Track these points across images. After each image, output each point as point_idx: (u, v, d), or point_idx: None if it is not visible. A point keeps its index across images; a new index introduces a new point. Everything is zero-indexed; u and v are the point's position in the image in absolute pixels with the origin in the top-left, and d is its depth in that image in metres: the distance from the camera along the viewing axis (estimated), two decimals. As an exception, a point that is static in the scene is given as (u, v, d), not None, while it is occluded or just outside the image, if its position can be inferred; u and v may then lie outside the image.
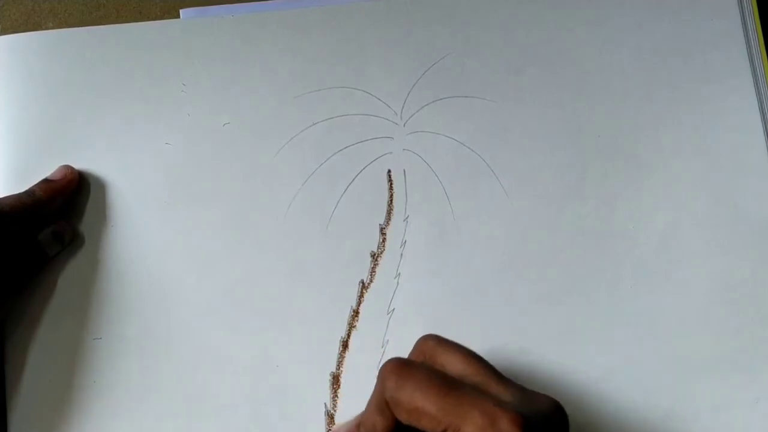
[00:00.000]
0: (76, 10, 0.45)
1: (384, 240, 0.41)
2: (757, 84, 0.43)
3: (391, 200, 0.42)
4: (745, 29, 0.43)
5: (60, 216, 0.41)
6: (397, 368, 0.33)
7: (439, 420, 0.31)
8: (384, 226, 0.42)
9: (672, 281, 0.41)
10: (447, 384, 0.32)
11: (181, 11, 0.45)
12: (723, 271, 0.41)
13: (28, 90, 0.43)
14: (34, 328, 0.40)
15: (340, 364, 0.40)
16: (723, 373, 0.40)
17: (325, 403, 0.40)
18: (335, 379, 0.40)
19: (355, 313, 0.41)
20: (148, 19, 0.45)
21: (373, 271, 0.41)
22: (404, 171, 0.42)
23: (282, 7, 0.44)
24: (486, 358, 0.33)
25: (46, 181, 0.41)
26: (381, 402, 0.33)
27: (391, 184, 0.42)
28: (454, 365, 0.34)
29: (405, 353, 0.40)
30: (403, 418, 0.32)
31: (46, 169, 0.41)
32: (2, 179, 0.42)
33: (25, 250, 0.40)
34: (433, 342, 0.35)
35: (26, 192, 0.40)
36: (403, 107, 0.43)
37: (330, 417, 0.40)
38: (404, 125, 0.43)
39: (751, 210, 0.41)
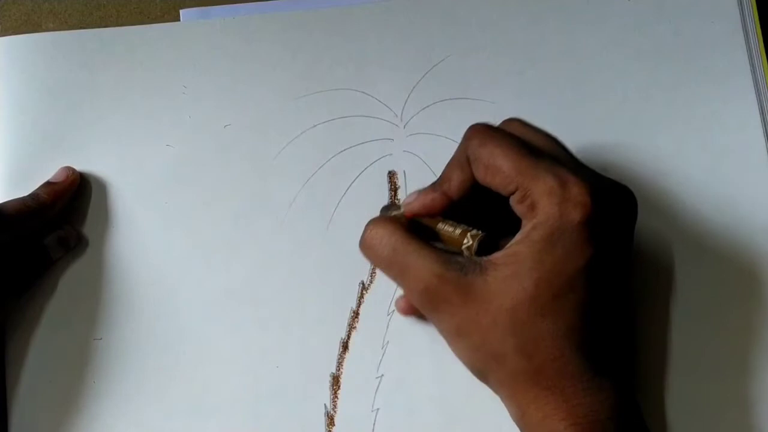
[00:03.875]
0: (76, 10, 0.45)
1: (384, 241, 0.41)
2: (756, 85, 0.43)
3: (392, 201, 0.42)
4: (745, 30, 0.43)
5: (62, 218, 0.41)
6: (483, 129, 0.35)
7: (512, 179, 0.33)
8: (384, 227, 0.42)
9: (672, 281, 0.41)
10: (526, 149, 0.34)
11: (181, 12, 0.45)
12: (723, 270, 0.41)
13: (29, 92, 0.43)
14: (35, 329, 0.40)
15: (340, 365, 0.40)
16: (722, 373, 0.40)
17: (325, 404, 0.40)
18: (335, 380, 0.40)
19: (355, 314, 0.41)
20: (149, 19, 0.45)
21: (373, 272, 0.41)
22: (404, 172, 0.42)
23: (282, 8, 0.44)
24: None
25: (48, 183, 0.41)
26: (462, 158, 0.35)
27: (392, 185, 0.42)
28: (536, 141, 0.35)
29: (405, 354, 0.40)
30: (480, 174, 0.34)
31: (47, 170, 0.41)
32: (3, 181, 0.42)
33: (30, 253, 0.40)
34: (518, 122, 0.37)
35: (30, 195, 0.40)
36: (403, 109, 0.43)
37: (330, 418, 0.40)
38: (404, 127, 0.43)
39: (751, 210, 0.41)
